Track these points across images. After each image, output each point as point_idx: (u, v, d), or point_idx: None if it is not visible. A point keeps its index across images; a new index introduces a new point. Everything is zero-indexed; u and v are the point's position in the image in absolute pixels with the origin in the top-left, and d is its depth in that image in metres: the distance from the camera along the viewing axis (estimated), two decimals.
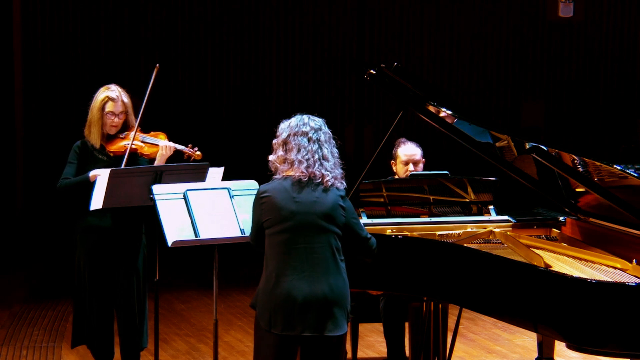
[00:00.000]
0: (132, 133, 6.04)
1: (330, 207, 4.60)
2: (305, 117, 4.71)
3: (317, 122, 4.70)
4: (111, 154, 6.04)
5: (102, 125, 6.04)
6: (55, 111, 11.34)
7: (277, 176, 4.68)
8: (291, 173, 4.63)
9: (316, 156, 4.62)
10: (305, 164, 4.60)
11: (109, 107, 6.03)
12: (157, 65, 6.07)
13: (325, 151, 4.65)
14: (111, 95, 6.04)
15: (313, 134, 4.65)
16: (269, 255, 4.66)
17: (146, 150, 6.07)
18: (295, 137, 4.64)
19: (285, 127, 4.69)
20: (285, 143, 4.66)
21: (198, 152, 6.09)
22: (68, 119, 11.20)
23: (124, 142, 6.05)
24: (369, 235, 4.79)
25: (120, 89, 6.10)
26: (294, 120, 4.70)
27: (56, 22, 11.35)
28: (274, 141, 4.71)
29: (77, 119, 10.94)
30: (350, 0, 12.10)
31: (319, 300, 4.56)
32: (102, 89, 6.10)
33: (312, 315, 4.56)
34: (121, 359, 6.19)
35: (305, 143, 4.63)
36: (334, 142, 4.73)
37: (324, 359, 4.62)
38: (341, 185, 4.69)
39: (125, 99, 6.09)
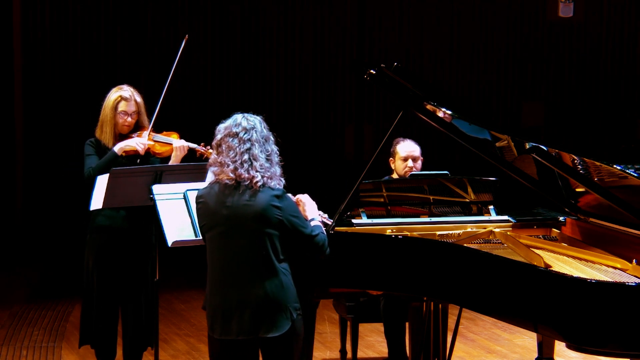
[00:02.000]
0: (146, 132, 6.07)
1: (261, 208, 4.54)
2: (239, 117, 4.66)
3: (250, 121, 4.64)
4: (123, 154, 6.06)
5: (114, 125, 6.06)
6: (55, 111, 11.34)
7: (211, 179, 4.67)
8: (221, 176, 4.60)
9: (245, 156, 4.56)
10: (232, 166, 4.56)
11: (121, 106, 6.05)
12: (187, 35, 6.08)
13: (256, 151, 4.57)
14: (124, 95, 6.06)
15: (244, 134, 4.59)
16: (209, 259, 4.68)
17: (158, 149, 6.10)
18: (227, 138, 4.61)
19: (221, 128, 4.66)
20: (218, 145, 4.64)
21: (211, 151, 6.10)
22: (68, 119, 11.21)
23: None
24: (315, 232, 4.68)
25: (132, 89, 6.13)
26: (229, 121, 4.66)
27: (56, 21, 11.34)
28: (212, 142, 4.69)
29: (77, 119, 10.99)
30: (350, 1, 12.10)
31: (253, 304, 4.55)
32: (114, 89, 6.12)
33: (246, 319, 4.55)
34: (123, 359, 6.21)
35: (235, 144, 4.58)
36: (272, 139, 4.66)
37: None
38: (277, 184, 4.61)
39: (138, 98, 6.12)
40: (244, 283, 4.57)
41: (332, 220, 5.36)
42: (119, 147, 5.97)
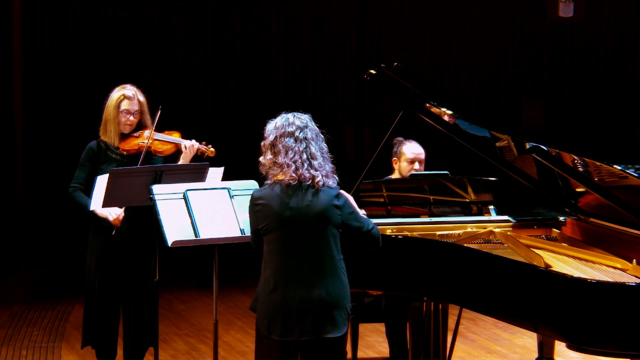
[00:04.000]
0: (148, 132, 6.07)
1: (323, 209, 4.56)
2: (291, 116, 4.66)
3: (302, 119, 4.66)
4: (124, 153, 6.07)
5: (117, 124, 6.06)
6: (55, 111, 11.34)
7: (268, 181, 4.66)
8: (281, 177, 4.59)
9: (304, 156, 4.57)
10: (293, 167, 4.56)
11: (124, 105, 6.05)
12: (160, 107, 6.08)
13: (313, 149, 4.59)
14: (127, 94, 6.06)
15: (299, 133, 4.60)
16: (267, 260, 4.66)
17: (160, 147, 6.10)
18: (282, 138, 4.60)
19: (271, 129, 4.65)
20: (273, 145, 4.62)
21: (212, 149, 6.13)
22: (68, 119, 11.21)
23: (137, 141, 6.08)
24: (370, 226, 4.70)
25: (135, 88, 6.12)
26: (280, 121, 4.65)
27: (56, 22, 11.34)
28: (262, 143, 4.67)
29: (76, 119, 10.99)
30: (350, 0, 12.10)
31: (316, 305, 4.56)
32: (117, 88, 6.12)
33: (310, 319, 4.56)
34: (123, 359, 6.21)
35: (292, 144, 4.58)
36: (322, 136, 4.69)
37: None
38: (333, 181, 4.63)
39: (141, 97, 6.12)
40: (308, 284, 4.57)
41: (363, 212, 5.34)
42: (100, 212, 5.95)
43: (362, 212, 5.05)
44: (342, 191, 4.74)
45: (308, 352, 4.62)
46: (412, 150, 6.59)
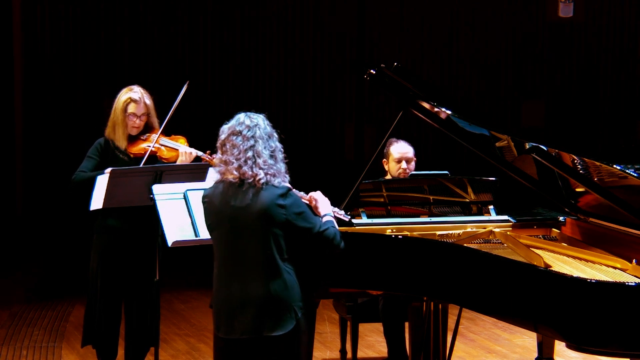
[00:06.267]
0: (154, 136, 6.06)
1: (265, 207, 4.55)
2: (242, 116, 4.68)
3: (254, 119, 4.66)
4: (132, 155, 6.06)
5: (124, 127, 6.05)
6: (55, 112, 11.34)
7: (213, 180, 4.71)
8: (226, 175, 4.63)
9: (249, 153, 4.58)
10: (236, 164, 4.58)
11: (131, 108, 6.05)
12: (188, 81, 6.08)
13: (260, 147, 4.59)
14: (134, 97, 6.05)
15: (247, 131, 4.61)
16: (215, 258, 4.69)
17: (165, 153, 6.09)
18: (231, 136, 4.63)
19: (224, 129, 4.69)
20: (223, 145, 4.66)
21: (216, 160, 6.09)
22: (68, 121, 11.21)
23: (144, 144, 6.07)
24: (322, 228, 4.67)
25: (142, 90, 6.11)
26: (232, 121, 4.69)
27: (56, 22, 11.34)
28: (217, 144, 4.70)
29: (77, 121, 10.99)
30: (350, 1, 12.09)
31: (256, 303, 4.55)
32: (124, 90, 6.11)
33: (249, 317, 4.56)
34: (124, 359, 6.21)
35: (239, 142, 4.60)
36: (276, 136, 4.68)
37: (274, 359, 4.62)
38: (280, 180, 4.61)
39: (148, 100, 6.11)
40: (247, 282, 4.57)
41: (349, 216, 5.35)
42: (109, 170, 5.92)
43: (341, 212, 5.04)
44: (295, 191, 4.73)
45: (255, 351, 4.61)
46: (397, 150, 6.56)
